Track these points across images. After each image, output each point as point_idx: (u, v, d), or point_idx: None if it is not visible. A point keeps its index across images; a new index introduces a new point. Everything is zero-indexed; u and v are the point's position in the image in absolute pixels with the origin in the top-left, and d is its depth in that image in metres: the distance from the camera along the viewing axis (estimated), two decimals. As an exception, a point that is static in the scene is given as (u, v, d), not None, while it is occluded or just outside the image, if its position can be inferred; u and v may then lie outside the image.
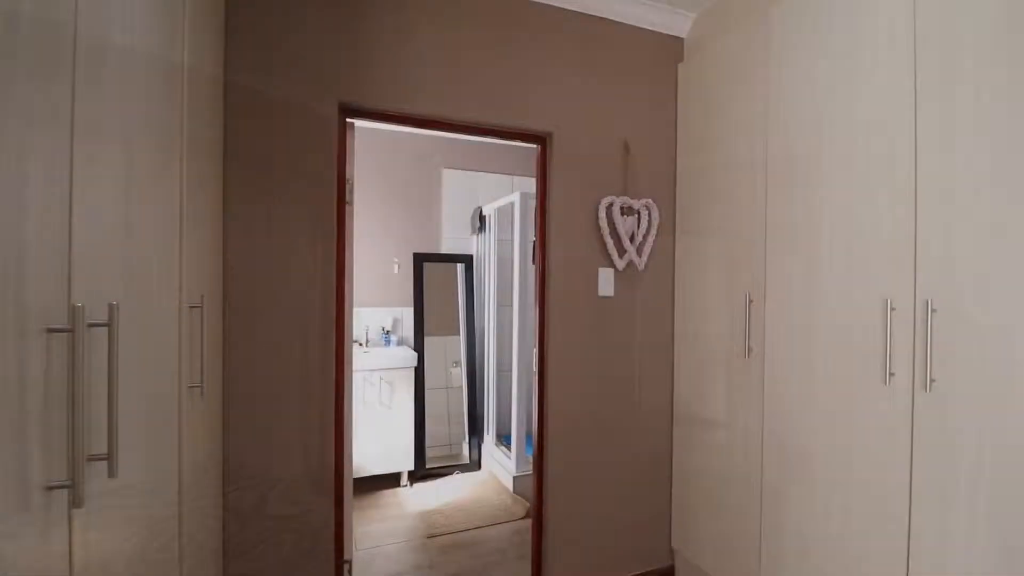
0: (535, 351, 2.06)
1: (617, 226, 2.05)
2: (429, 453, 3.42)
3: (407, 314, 3.55)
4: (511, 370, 3.64)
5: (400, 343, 3.54)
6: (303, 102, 1.65)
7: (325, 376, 1.69)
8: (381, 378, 3.07)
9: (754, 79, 1.82)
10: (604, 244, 2.06)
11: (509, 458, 3.16)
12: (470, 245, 3.76)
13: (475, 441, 3.51)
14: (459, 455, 3.55)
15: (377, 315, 3.50)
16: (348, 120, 1.79)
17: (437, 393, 3.54)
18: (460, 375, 3.59)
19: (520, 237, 3.03)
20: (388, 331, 3.47)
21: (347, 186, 1.78)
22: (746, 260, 1.87)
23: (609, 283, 2.08)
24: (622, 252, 2.08)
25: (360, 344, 3.39)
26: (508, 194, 3.39)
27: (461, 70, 1.86)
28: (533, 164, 2.13)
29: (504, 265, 3.65)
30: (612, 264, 2.08)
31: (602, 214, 2.03)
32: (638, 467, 2.15)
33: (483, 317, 3.65)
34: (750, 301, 1.84)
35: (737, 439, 1.90)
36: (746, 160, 1.87)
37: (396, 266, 3.54)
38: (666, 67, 2.20)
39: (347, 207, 1.79)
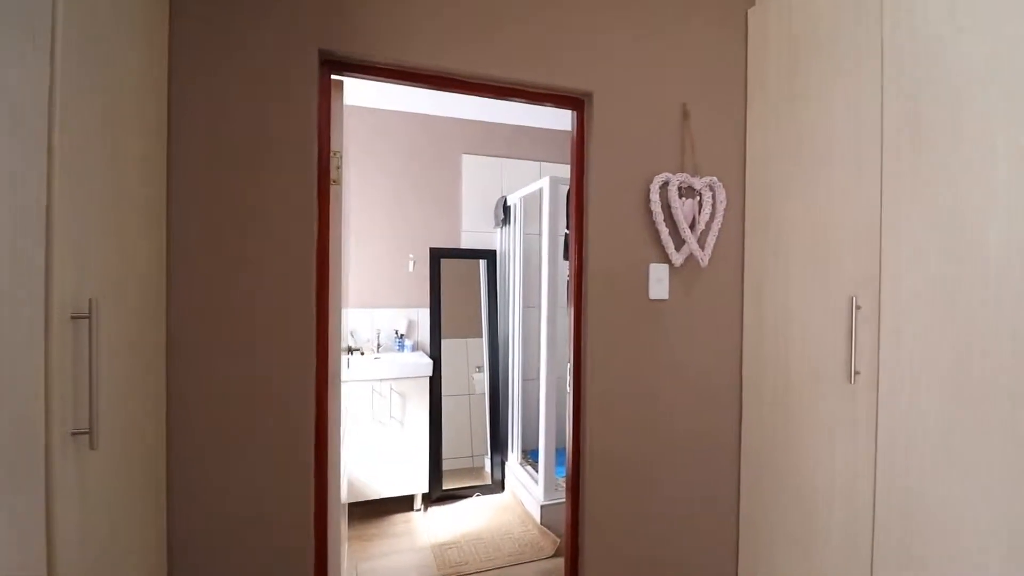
0: (569, 367, 1.65)
1: (674, 211, 1.62)
2: (447, 466, 3.06)
3: (423, 316, 3.19)
4: (538, 378, 3.25)
5: (415, 348, 3.18)
6: (271, 48, 1.28)
7: (303, 400, 1.32)
8: (392, 388, 2.71)
9: (866, 7, 1.37)
10: (657, 234, 1.63)
11: (536, 482, 2.76)
12: (493, 239, 3.37)
13: (498, 458, 3.13)
14: (480, 471, 3.17)
15: (390, 317, 3.15)
16: (333, 77, 1.42)
17: (458, 401, 3.17)
18: (483, 381, 3.22)
19: (549, 229, 2.62)
20: (402, 335, 3.12)
21: (333, 161, 1.41)
22: (850, 253, 1.42)
23: (663, 283, 1.65)
24: (679, 244, 1.66)
25: (370, 351, 3.05)
26: (535, 181, 2.98)
27: (477, 12, 1.47)
28: (567, 145, 1.71)
29: (531, 261, 3.25)
30: (667, 259, 1.65)
31: (655, 196, 1.61)
32: (696, 511, 1.73)
33: (507, 319, 3.26)
34: (857, 308, 1.39)
35: (834, 489, 1.45)
36: (850, 120, 1.42)
37: (411, 263, 3.19)
38: (733, 11, 1.75)
39: (333, 187, 1.42)
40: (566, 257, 2.66)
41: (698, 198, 1.67)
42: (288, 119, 1.30)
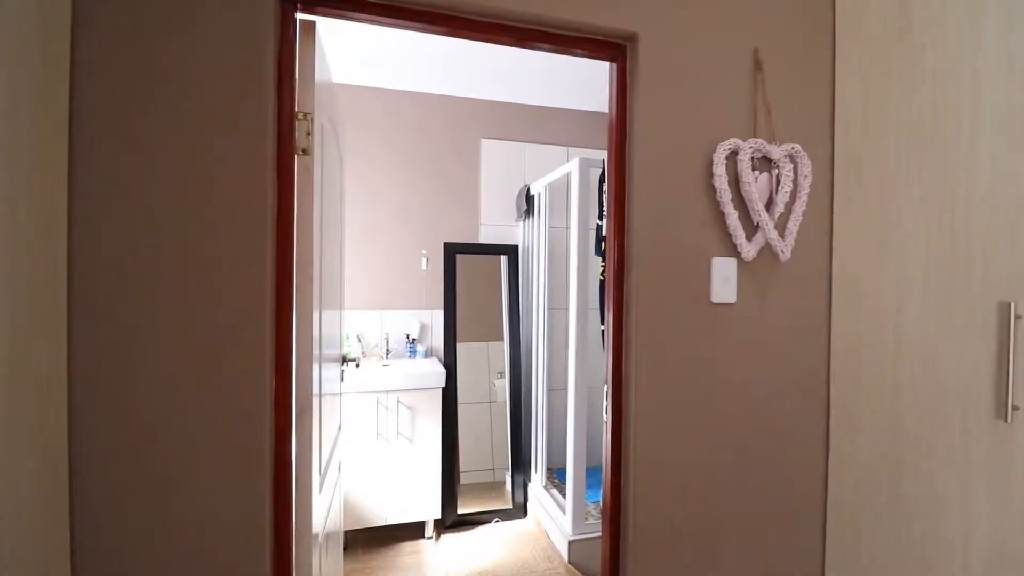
0: (607, 390, 1.29)
1: (745, 188, 1.24)
2: (465, 479, 2.74)
3: (437, 318, 2.87)
4: (566, 388, 2.89)
5: (428, 354, 2.86)
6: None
7: (254, 429, 1.00)
8: (400, 401, 2.40)
9: None
10: (722, 218, 1.25)
11: (563, 510, 2.40)
12: (515, 233, 3.02)
13: (520, 478, 2.78)
14: (501, 489, 2.84)
15: (401, 320, 2.83)
16: (301, 16, 1.10)
17: (477, 409, 2.84)
18: (506, 388, 2.88)
19: (578, 219, 2.26)
20: (414, 339, 2.80)
21: (300, 126, 1.09)
22: (1004, 244, 1.02)
23: (728, 282, 1.28)
24: (751, 232, 1.28)
25: (378, 356, 2.74)
26: (562, 166, 2.62)
27: (486, -71, 1.12)
28: (597, 128, 1.34)
29: (557, 257, 2.89)
30: (734, 251, 1.27)
31: (719, 169, 1.23)
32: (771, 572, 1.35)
33: (531, 322, 2.91)
34: (1016, 318, 0.99)
35: (979, 561, 1.06)
36: (1003, 58, 1.02)
37: (424, 260, 2.87)
38: (820, -67, 1.36)
39: (300, 158, 1.09)
40: (598, 252, 2.29)
41: (775, 172, 1.29)
42: (233, 68, 0.98)
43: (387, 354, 2.74)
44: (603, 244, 2.24)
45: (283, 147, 1.05)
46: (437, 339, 2.88)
